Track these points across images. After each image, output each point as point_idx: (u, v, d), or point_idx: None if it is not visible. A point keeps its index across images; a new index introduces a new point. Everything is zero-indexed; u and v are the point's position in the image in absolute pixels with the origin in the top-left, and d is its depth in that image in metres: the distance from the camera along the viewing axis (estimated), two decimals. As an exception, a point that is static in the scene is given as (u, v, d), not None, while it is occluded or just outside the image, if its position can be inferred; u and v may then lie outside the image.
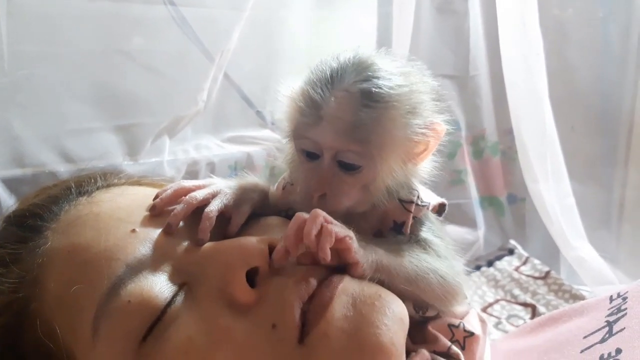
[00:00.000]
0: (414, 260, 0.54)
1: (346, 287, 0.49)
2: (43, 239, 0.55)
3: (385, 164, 0.53)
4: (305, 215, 0.49)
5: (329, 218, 0.49)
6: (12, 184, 0.98)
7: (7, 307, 0.51)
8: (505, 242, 1.52)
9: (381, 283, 0.52)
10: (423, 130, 0.54)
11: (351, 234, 0.50)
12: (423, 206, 0.58)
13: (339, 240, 0.48)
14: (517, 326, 1.10)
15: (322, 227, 0.48)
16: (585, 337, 0.55)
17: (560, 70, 1.43)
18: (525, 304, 1.20)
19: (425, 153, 0.57)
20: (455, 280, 0.56)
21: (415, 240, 0.57)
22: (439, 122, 0.56)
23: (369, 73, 0.51)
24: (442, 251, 0.57)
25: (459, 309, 0.61)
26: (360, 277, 0.51)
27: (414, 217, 0.58)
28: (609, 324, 0.55)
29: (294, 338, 0.46)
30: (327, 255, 0.47)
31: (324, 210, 0.52)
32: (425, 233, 0.58)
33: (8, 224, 0.60)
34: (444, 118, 0.56)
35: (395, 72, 0.53)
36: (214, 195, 0.57)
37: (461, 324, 0.60)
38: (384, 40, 1.50)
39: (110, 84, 1.10)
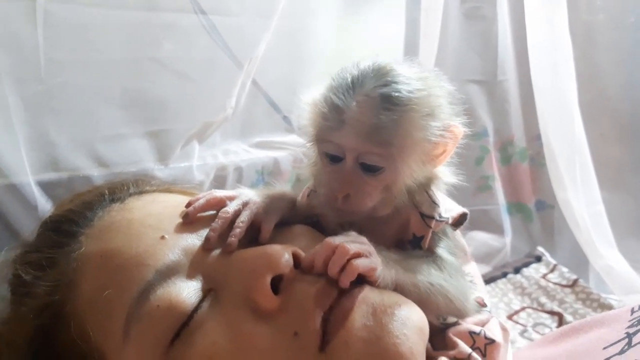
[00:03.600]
0: (427, 281, 0.55)
1: (366, 297, 0.50)
2: (78, 243, 0.57)
3: (406, 165, 0.55)
4: (335, 241, 0.50)
5: (357, 249, 0.51)
6: (47, 188, 1.01)
7: (44, 309, 0.54)
8: (533, 249, 1.50)
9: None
10: (441, 132, 0.55)
11: (375, 263, 0.51)
12: (442, 221, 0.60)
13: (363, 272, 0.50)
14: (543, 334, 1.09)
15: (347, 263, 0.49)
16: (604, 348, 0.55)
17: (590, 76, 1.41)
18: (552, 312, 1.18)
19: (444, 155, 0.58)
20: (459, 301, 0.57)
21: (431, 256, 0.58)
22: (457, 124, 0.57)
23: (389, 78, 0.53)
24: (454, 270, 0.58)
25: (479, 317, 0.62)
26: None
27: (432, 232, 0.59)
28: (629, 336, 0.55)
29: (315, 346, 0.47)
30: (346, 286, 0.49)
31: (347, 210, 0.55)
32: (441, 250, 0.59)
33: (45, 229, 0.62)
34: (461, 121, 0.58)
35: (414, 77, 0.55)
36: (244, 206, 0.59)
37: (482, 331, 0.60)
38: (411, 46, 1.50)
39: (142, 90, 1.12)
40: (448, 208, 0.62)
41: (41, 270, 0.56)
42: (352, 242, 0.51)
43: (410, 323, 0.48)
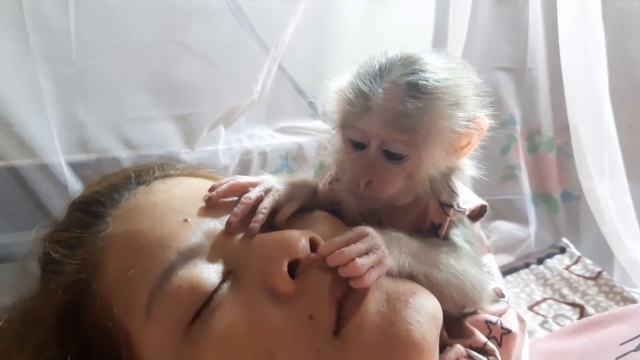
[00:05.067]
0: (441, 269, 0.55)
1: (381, 284, 0.50)
2: (104, 224, 0.58)
3: (430, 154, 0.55)
4: (349, 254, 0.50)
5: (369, 264, 0.50)
6: (77, 168, 1.05)
7: (71, 286, 0.56)
8: (557, 240, 1.49)
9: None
10: (466, 124, 0.55)
11: (382, 270, 0.51)
12: (460, 211, 0.60)
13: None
14: (563, 326, 1.08)
15: (360, 277, 0.49)
16: (621, 344, 0.55)
17: (622, 65, 1.38)
18: (573, 304, 1.18)
19: (469, 147, 0.58)
20: (476, 291, 0.57)
21: (447, 244, 0.58)
22: (482, 117, 0.57)
23: (416, 67, 0.54)
24: (470, 259, 0.58)
25: (496, 307, 0.62)
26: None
27: (450, 220, 0.59)
28: None
29: (330, 330, 0.48)
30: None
31: (369, 197, 0.56)
32: (457, 238, 0.59)
33: (73, 209, 0.64)
34: (487, 113, 0.58)
35: (441, 67, 0.55)
36: (266, 192, 0.60)
37: (499, 321, 0.61)
38: (440, 31, 1.49)
39: (170, 74, 1.14)
40: (467, 200, 0.62)
41: (69, 249, 0.58)
42: (365, 256, 0.50)
43: (423, 310, 0.49)
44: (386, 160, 0.55)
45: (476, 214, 0.64)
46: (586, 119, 1.35)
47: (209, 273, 0.52)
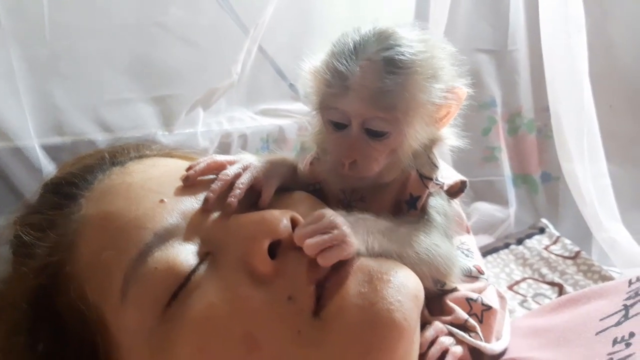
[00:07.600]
0: (413, 245, 0.55)
1: (362, 264, 0.50)
2: (77, 206, 0.57)
3: (411, 128, 0.55)
4: (304, 232, 0.50)
5: (328, 244, 0.49)
6: (52, 152, 1.03)
7: (43, 269, 0.54)
8: (536, 220, 1.50)
9: None
10: (445, 94, 0.55)
11: (347, 250, 0.50)
12: (437, 184, 0.60)
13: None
14: (542, 305, 1.09)
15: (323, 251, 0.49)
16: (601, 320, 0.56)
17: (602, 47, 1.39)
18: (552, 283, 1.19)
19: (448, 117, 0.58)
20: (446, 265, 0.57)
21: (418, 219, 0.58)
22: (460, 86, 0.57)
23: (391, 42, 0.53)
24: (441, 233, 0.58)
25: (476, 284, 0.63)
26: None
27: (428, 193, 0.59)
28: (626, 308, 0.55)
29: (309, 311, 0.47)
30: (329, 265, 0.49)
31: (354, 176, 0.56)
32: (431, 209, 0.59)
33: (45, 191, 0.63)
34: (464, 82, 0.58)
35: (415, 40, 0.54)
36: (244, 169, 0.59)
37: (479, 298, 0.61)
38: (422, 13, 1.47)
39: (147, 55, 1.12)
40: (446, 176, 0.62)
41: (41, 231, 0.56)
42: (318, 236, 0.49)
43: (404, 290, 0.48)
44: (368, 139, 0.55)
45: (456, 190, 0.64)
46: (566, 101, 1.35)
47: (186, 254, 0.51)
